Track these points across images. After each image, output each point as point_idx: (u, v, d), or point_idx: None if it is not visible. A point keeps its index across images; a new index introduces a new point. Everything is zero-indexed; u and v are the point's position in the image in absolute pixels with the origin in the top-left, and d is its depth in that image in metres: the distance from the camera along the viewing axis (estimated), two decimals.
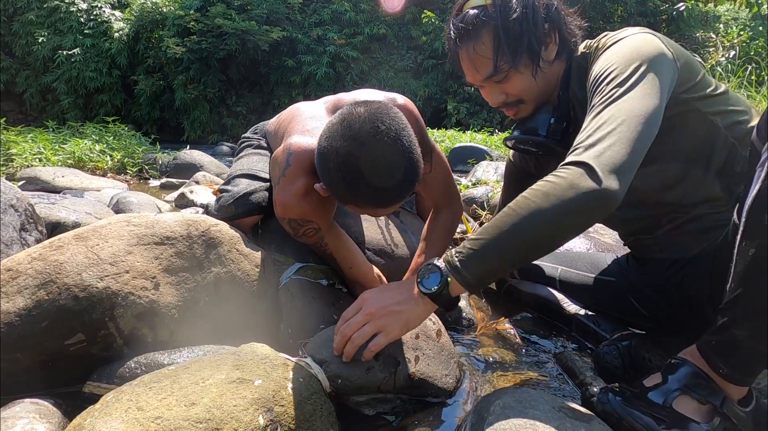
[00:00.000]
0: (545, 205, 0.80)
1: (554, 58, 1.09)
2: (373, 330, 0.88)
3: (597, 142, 0.83)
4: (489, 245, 0.82)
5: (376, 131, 0.89)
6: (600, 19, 9.16)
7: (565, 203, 0.79)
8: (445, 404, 0.98)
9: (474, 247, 0.84)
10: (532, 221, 0.80)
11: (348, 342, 0.89)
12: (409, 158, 0.92)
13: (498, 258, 0.83)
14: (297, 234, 1.16)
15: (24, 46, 10.41)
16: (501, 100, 1.14)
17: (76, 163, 4.18)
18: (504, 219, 0.82)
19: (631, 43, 0.96)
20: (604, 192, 0.78)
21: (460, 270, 0.84)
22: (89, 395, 0.91)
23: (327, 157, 0.93)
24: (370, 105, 0.94)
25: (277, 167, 1.13)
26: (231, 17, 9.73)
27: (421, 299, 0.88)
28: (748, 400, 0.84)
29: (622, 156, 0.81)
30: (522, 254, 0.84)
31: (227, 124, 10.34)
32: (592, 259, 1.40)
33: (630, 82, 0.90)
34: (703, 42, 8.49)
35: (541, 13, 1.04)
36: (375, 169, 0.89)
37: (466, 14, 1.07)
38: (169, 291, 1.02)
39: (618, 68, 0.92)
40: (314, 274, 1.23)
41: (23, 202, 1.30)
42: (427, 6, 10.02)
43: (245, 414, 0.71)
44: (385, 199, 0.94)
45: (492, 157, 4.67)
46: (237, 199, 1.28)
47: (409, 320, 0.89)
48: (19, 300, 0.91)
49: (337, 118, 0.94)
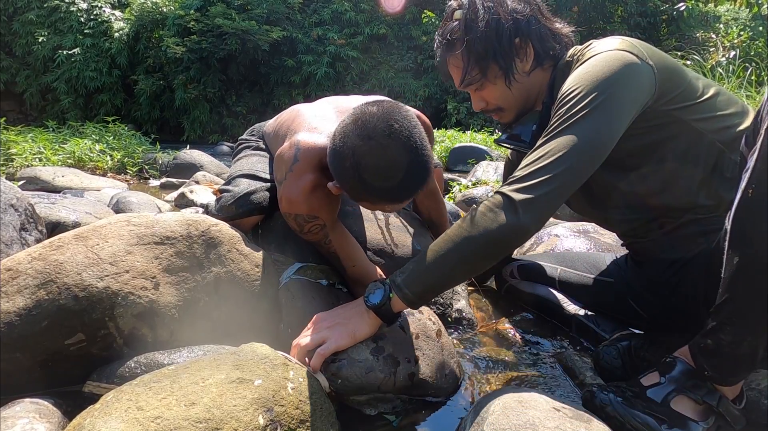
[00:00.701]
0: (474, 233, 0.90)
1: (532, 68, 1.12)
2: (321, 337, 0.93)
3: (529, 177, 0.91)
4: (428, 267, 0.92)
5: (390, 130, 0.92)
6: (600, 19, 9.15)
7: (489, 233, 0.89)
8: (445, 404, 0.98)
9: (415, 268, 0.94)
10: (462, 247, 0.90)
11: (298, 348, 0.94)
12: (421, 155, 0.94)
13: (435, 278, 0.93)
14: (302, 231, 1.17)
15: (24, 45, 10.41)
16: (482, 106, 1.20)
17: (76, 162, 4.18)
18: (441, 244, 0.92)
19: (599, 62, 0.97)
20: (518, 227, 0.88)
21: (402, 287, 0.93)
22: (89, 395, 0.91)
23: (342, 156, 0.95)
24: (383, 104, 0.96)
25: (284, 163, 1.13)
26: (231, 17, 9.73)
27: (367, 313, 0.96)
28: (741, 398, 0.86)
29: (545, 192, 0.89)
30: (456, 275, 0.94)
31: (227, 123, 10.34)
32: (591, 260, 1.40)
33: (584, 110, 0.92)
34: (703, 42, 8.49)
35: (507, 28, 1.07)
36: (390, 166, 0.92)
37: (446, 27, 1.13)
38: (169, 291, 1.02)
39: (577, 92, 0.95)
40: (314, 274, 1.23)
41: (23, 202, 1.30)
42: (427, 6, 10.02)
43: (245, 414, 0.71)
44: (400, 195, 0.97)
45: (492, 157, 4.67)
46: (238, 199, 1.28)
47: (356, 330, 0.95)
48: (19, 300, 0.91)
49: (351, 118, 0.96)
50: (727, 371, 0.83)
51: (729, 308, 0.78)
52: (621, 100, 0.93)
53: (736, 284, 0.77)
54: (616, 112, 0.93)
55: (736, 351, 0.79)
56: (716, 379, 0.84)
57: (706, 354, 0.83)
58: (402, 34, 10.52)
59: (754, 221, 0.72)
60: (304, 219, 1.13)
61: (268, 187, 1.34)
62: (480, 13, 1.07)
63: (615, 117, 0.93)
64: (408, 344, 0.97)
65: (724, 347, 0.80)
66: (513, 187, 0.91)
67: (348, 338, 0.94)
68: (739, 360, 0.80)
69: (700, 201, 1.03)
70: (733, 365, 0.82)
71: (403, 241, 1.47)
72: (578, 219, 2.30)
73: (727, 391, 0.84)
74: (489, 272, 1.69)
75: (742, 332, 0.77)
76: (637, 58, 0.95)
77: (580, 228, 1.76)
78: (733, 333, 0.78)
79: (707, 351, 0.83)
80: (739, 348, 0.78)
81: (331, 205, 1.16)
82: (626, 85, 0.94)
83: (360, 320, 0.96)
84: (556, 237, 1.72)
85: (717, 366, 0.83)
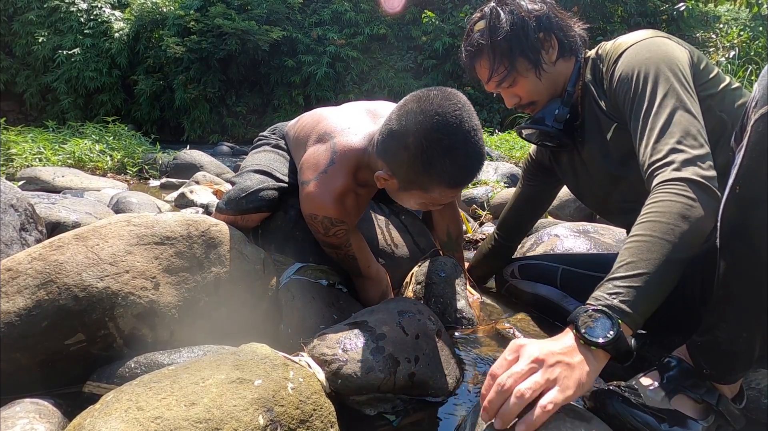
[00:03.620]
0: (685, 227, 0.79)
1: (557, 59, 1.18)
2: (546, 382, 0.68)
3: (674, 152, 0.88)
4: (651, 278, 0.77)
5: (457, 107, 0.93)
6: (600, 19, 9.15)
7: (702, 219, 0.81)
8: (445, 404, 0.98)
9: (635, 284, 0.76)
10: (680, 246, 0.79)
11: (513, 397, 0.67)
12: (481, 140, 0.97)
13: (660, 289, 0.78)
14: (327, 234, 1.16)
15: (24, 46, 10.40)
16: (515, 102, 1.25)
17: (76, 163, 4.18)
18: (649, 252, 0.78)
19: (649, 48, 1.02)
20: (716, 197, 0.82)
21: (630, 313, 0.75)
22: (89, 395, 0.91)
23: (404, 135, 0.95)
24: (439, 88, 0.98)
25: (317, 165, 1.13)
26: (231, 17, 9.73)
27: (590, 352, 0.73)
28: (741, 397, 0.86)
29: (699, 155, 0.87)
30: (676, 277, 0.80)
31: (227, 123, 10.33)
32: (592, 259, 1.40)
33: (660, 86, 0.96)
34: (703, 42, 8.48)
35: (532, 25, 1.15)
36: (459, 143, 0.93)
37: (471, 38, 1.21)
38: (169, 291, 1.02)
39: (643, 77, 0.99)
40: (314, 274, 1.23)
41: (23, 202, 1.30)
42: (427, 6, 10.01)
43: (245, 414, 0.71)
44: (461, 178, 0.97)
45: (492, 157, 4.67)
46: (249, 194, 1.26)
47: (583, 376, 0.70)
48: (19, 300, 0.91)
49: (412, 99, 0.98)
50: (725, 369, 0.83)
51: (723, 305, 0.79)
52: (686, 73, 0.99)
53: (729, 281, 0.77)
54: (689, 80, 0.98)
55: (733, 349, 0.79)
56: (714, 377, 0.84)
57: (703, 353, 0.84)
58: (402, 34, 10.52)
59: (743, 217, 0.72)
60: (332, 223, 1.13)
61: (278, 186, 1.33)
62: (503, 17, 1.15)
63: (685, 77, 0.98)
64: (408, 344, 0.97)
65: (721, 345, 0.80)
66: (683, 171, 0.84)
67: (576, 387, 0.69)
68: (736, 357, 0.80)
69: None
70: (731, 362, 0.82)
71: (403, 241, 1.47)
72: (578, 219, 2.30)
73: (726, 390, 0.84)
74: (489, 272, 1.69)
75: (737, 329, 0.77)
76: (670, 39, 1.03)
77: (580, 228, 1.76)
78: (729, 330, 0.78)
79: (704, 349, 0.83)
80: (735, 345, 0.78)
81: (359, 209, 1.16)
82: (676, 55, 1.00)
83: (586, 360, 0.72)
84: (556, 238, 1.72)
85: (714, 364, 0.83)
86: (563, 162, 1.33)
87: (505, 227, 1.57)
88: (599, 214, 1.40)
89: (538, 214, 1.57)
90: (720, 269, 0.78)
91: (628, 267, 0.77)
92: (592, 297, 0.79)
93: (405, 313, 1.03)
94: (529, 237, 1.85)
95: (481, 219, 2.66)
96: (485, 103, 9.35)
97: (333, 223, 1.13)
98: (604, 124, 1.14)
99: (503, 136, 6.48)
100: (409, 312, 1.04)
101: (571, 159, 1.29)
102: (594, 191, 1.26)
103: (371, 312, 1.04)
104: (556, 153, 1.35)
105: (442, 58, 9.79)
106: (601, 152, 1.16)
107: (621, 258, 0.80)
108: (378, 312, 1.03)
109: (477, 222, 2.60)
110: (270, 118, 9.86)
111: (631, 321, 0.75)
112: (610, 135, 1.12)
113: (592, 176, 1.23)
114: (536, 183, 1.49)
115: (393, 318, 1.01)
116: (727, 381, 0.84)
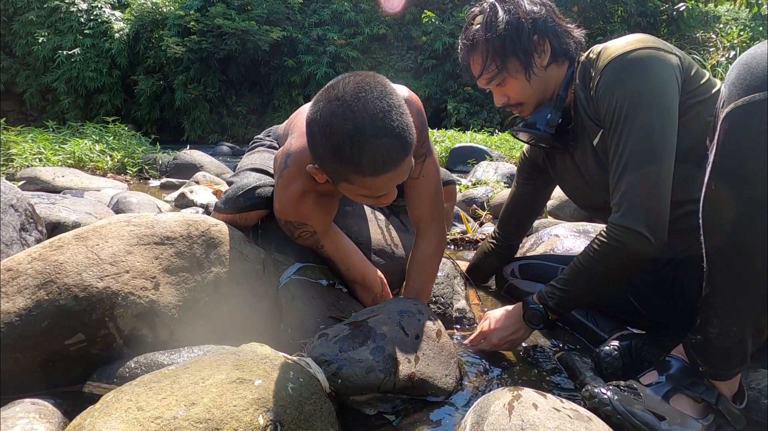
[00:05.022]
0: (612, 265, 1.03)
1: (548, 63, 1.18)
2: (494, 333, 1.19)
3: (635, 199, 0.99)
4: (574, 295, 1.10)
5: (359, 90, 0.88)
6: (600, 19, 9.15)
7: (623, 266, 1.02)
8: (445, 404, 0.98)
9: (564, 295, 1.10)
10: (605, 277, 1.06)
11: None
12: (394, 120, 0.88)
13: (578, 302, 1.13)
14: (293, 236, 1.16)
15: (24, 46, 10.41)
16: (503, 101, 1.25)
17: (76, 163, 4.18)
18: (579, 273, 1.07)
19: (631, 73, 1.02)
20: (647, 243, 0.98)
21: (555, 309, 1.11)
22: (89, 395, 0.91)
23: (313, 124, 0.91)
24: (357, 73, 0.92)
25: (276, 170, 1.13)
26: (231, 17, 9.74)
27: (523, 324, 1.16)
28: (741, 397, 0.86)
29: (654, 207, 0.98)
30: (596, 294, 1.11)
31: (227, 123, 10.34)
32: None
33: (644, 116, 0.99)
34: (703, 42, 8.49)
35: (527, 26, 1.15)
36: (359, 128, 0.86)
37: (469, 30, 1.21)
38: (169, 291, 1.02)
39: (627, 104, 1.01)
40: (314, 274, 1.23)
41: (23, 202, 1.30)
42: (427, 6, 10.02)
43: (245, 414, 0.71)
44: (373, 166, 0.89)
45: (492, 157, 4.67)
46: (245, 192, 1.25)
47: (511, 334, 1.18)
48: (19, 300, 0.91)
49: (322, 89, 0.94)
50: (719, 364, 0.84)
51: (711, 300, 0.81)
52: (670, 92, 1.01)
53: (715, 276, 0.78)
54: (671, 103, 1.01)
55: (725, 343, 0.80)
56: (711, 374, 0.84)
57: (698, 349, 0.85)
58: (402, 35, 10.52)
59: (719, 213, 0.74)
60: (294, 226, 1.13)
61: (273, 182, 1.33)
62: (500, 15, 1.15)
63: (672, 108, 1.01)
64: (408, 344, 0.97)
65: (713, 340, 0.81)
66: (624, 212, 0.99)
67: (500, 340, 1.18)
68: (729, 351, 0.81)
69: (694, 194, 1.04)
70: (724, 357, 0.83)
71: (403, 241, 1.47)
72: (578, 219, 2.30)
73: (724, 387, 0.85)
74: (490, 271, 1.69)
75: (727, 323, 0.79)
76: (659, 51, 1.02)
77: (580, 228, 1.76)
78: (719, 325, 0.80)
79: (698, 345, 0.85)
80: (727, 339, 0.80)
81: (323, 211, 1.14)
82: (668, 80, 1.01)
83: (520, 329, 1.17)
84: (556, 238, 1.72)
85: (709, 360, 0.84)
86: (557, 162, 1.34)
87: (505, 226, 1.58)
88: (591, 213, 1.41)
89: (535, 211, 1.58)
90: (705, 265, 0.79)
91: (563, 282, 1.10)
92: (540, 294, 1.14)
93: (405, 313, 1.03)
94: (529, 238, 1.85)
95: (481, 220, 2.66)
96: (485, 103, 9.36)
97: (295, 226, 1.13)
98: (590, 129, 1.14)
99: (503, 136, 6.49)
100: (409, 312, 1.04)
101: (564, 160, 1.29)
102: (585, 192, 1.26)
103: (371, 312, 1.04)
104: (550, 153, 1.36)
105: (442, 58, 9.79)
106: (591, 155, 1.16)
107: (565, 272, 1.10)
108: (378, 312, 1.03)
109: (477, 223, 2.60)
110: (270, 118, 9.87)
111: (553, 313, 1.11)
112: (597, 141, 1.12)
113: (584, 177, 1.23)
114: (531, 181, 1.49)
115: (393, 318, 1.01)
116: (723, 377, 0.85)
